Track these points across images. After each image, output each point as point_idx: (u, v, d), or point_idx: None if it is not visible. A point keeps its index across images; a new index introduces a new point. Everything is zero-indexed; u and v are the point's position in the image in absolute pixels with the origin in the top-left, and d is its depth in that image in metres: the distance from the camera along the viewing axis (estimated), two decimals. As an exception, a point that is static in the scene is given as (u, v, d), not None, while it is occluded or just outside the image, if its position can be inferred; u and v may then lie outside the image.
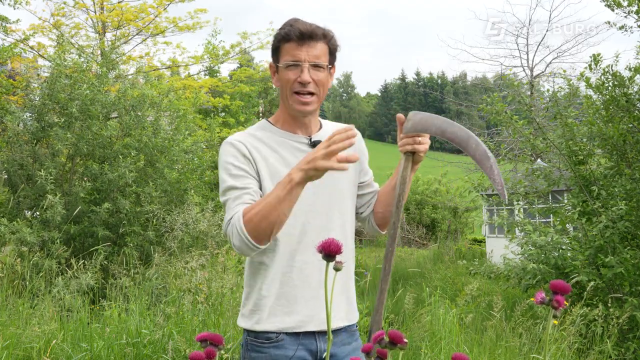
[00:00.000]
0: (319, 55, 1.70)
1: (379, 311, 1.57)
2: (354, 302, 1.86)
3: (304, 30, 1.68)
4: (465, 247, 18.21)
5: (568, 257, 5.81)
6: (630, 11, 5.95)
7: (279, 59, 1.73)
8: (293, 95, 1.71)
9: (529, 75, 17.76)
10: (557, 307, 0.94)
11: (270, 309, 1.72)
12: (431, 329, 4.96)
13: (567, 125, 6.07)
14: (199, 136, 10.56)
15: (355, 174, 1.87)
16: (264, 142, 1.76)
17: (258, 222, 1.56)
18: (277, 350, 1.71)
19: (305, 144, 1.78)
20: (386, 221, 1.89)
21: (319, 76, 1.71)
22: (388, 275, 1.59)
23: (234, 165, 1.70)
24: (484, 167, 1.56)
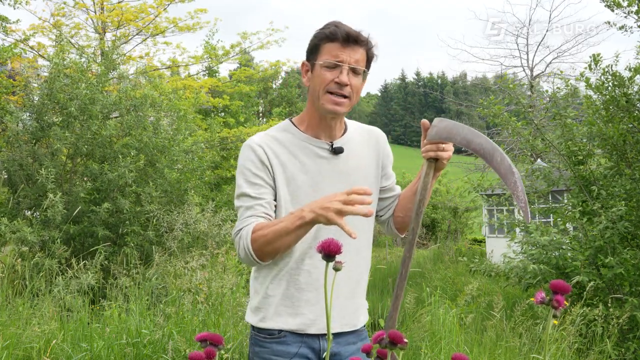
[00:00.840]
0: (359, 60, 1.69)
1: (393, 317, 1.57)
2: (363, 307, 1.85)
3: (350, 32, 1.67)
4: (465, 247, 18.22)
5: (568, 257, 5.82)
6: (630, 11, 5.95)
7: (317, 57, 1.70)
8: (326, 94, 1.68)
9: (529, 75, 17.77)
10: (557, 307, 0.94)
11: (275, 308, 1.73)
12: (431, 329, 4.96)
13: (566, 125, 6.07)
14: (199, 136, 10.56)
15: (377, 179, 1.86)
16: (284, 145, 1.74)
17: (263, 244, 1.60)
18: (280, 346, 1.72)
19: (326, 149, 1.75)
20: (406, 225, 1.89)
21: (355, 81, 1.69)
22: (404, 280, 1.58)
23: (251, 171, 1.69)
24: (508, 182, 1.54)
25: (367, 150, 1.84)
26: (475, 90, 37.99)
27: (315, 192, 1.71)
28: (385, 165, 1.89)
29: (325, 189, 1.72)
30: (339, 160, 1.76)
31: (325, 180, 1.73)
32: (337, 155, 1.76)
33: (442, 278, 10.77)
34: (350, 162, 1.78)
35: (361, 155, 1.82)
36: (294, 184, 1.71)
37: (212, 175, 9.41)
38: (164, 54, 50.11)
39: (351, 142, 1.80)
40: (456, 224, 22.20)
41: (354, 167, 1.78)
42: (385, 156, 1.90)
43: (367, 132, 1.89)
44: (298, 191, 1.71)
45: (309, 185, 1.71)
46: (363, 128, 1.90)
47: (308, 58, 1.74)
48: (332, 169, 1.75)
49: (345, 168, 1.76)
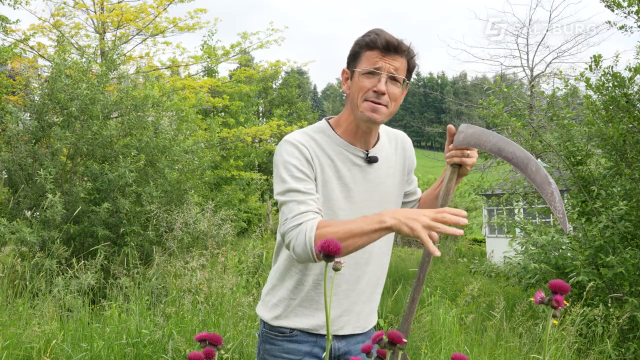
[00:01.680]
0: (398, 68, 1.66)
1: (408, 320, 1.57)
2: (374, 310, 1.87)
3: (390, 40, 1.65)
4: (465, 247, 18.21)
5: (568, 257, 5.82)
6: (630, 11, 5.95)
7: (357, 64, 1.68)
8: (365, 102, 1.66)
9: (529, 75, 17.77)
10: (557, 306, 0.94)
11: (293, 308, 1.74)
12: (431, 329, 4.96)
13: (564, 126, 6.08)
14: (199, 136, 10.56)
15: (402, 185, 1.87)
16: (321, 147, 1.72)
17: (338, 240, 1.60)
18: (291, 345, 1.73)
19: (361, 158, 1.75)
20: None
21: (394, 90, 1.67)
22: (421, 284, 1.58)
23: (296, 167, 1.65)
24: (545, 193, 1.53)
25: (395, 158, 1.84)
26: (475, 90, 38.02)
27: (346, 199, 1.71)
28: (410, 170, 1.91)
29: (355, 197, 1.72)
30: (372, 169, 1.76)
31: (357, 188, 1.73)
32: (370, 164, 1.75)
33: (442, 278, 10.76)
34: (381, 172, 1.78)
35: (390, 163, 1.82)
36: (328, 188, 1.70)
37: (212, 175, 9.40)
38: (164, 54, 50.15)
39: (383, 151, 1.81)
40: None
41: (384, 176, 1.79)
42: (411, 162, 1.91)
43: (396, 137, 1.89)
44: (331, 195, 1.70)
45: (340, 192, 1.71)
46: (391, 133, 1.89)
47: (348, 65, 1.73)
48: (364, 178, 1.75)
49: (375, 177, 1.77)
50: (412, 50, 1.69)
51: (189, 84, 14.08)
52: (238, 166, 16.81)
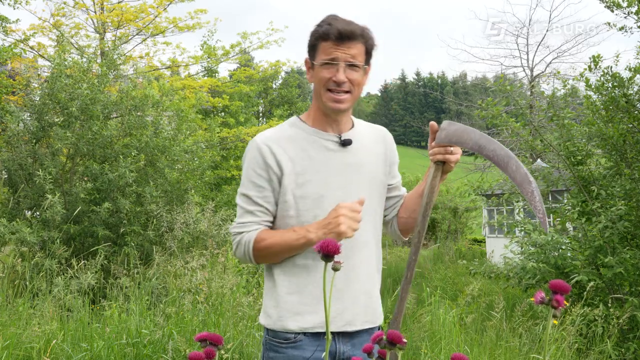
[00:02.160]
0: (355, 55, 1.69)
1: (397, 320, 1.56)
2: (377, 303, 1.83)
3: (342, 30, 1.67)
4: (465, 247, 18.22)
5: (568, 257, 5.82)
6: (630, 12, 5.96)
7: (316, 56, 1.72)
8: (327, 92, 1.70)
9: (529, 75, 17.76)
10: (557, 306, 0.94)
11: (294, 306, 1.71)
12: (431, 329, 4.96)
13: (565, 126, 6.08)
14: (199, 136, 10.56)
15: (385, 176, 1.86)
16: (293, 140, 1.75)
17: (266, 254, 1.70)
18: (295, 351, 1.69)
19: (335, 142, 1.76)
20: (409, 227, 1.88)
21: (354, 76, 1.70)
22: (409, 284, 1.58)
23: (255, 172, 1.72)
24: (525, 192, 1.53)
25: (376, 146, 1.85)
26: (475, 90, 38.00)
27: (325, 184, 1.72)
28: (392, 163, 1.90)
29: (334, 181, 1.73)
30: (348, 153, 1.76)
31: (335, 173, 1.74)
32: (345, 147, 1.76)
33: (442, 278, 10.76)
34: (360, 155, 1.78)
35: (370, 149, 1.82)
36: (304, 178, 1.71)
37: (212, 175, 9.40)
38: (163, 54, 50.09)
39: (360, 136, 1.81)
40: (456, 224, 22.18)
41: (364, 160, 1.79)
42: (393, 154, 1.90)
43: (376, 129, 1.91)
44: (308, 185, 1.71)
45: (318, 179, 1.72)
46: (371, 126, 1.91)
47: (309, 56, 1.76)
48: (341, 162, 1.75)
49: (354, 160, 1.77)
50: (366, 34, 1.72)
51: (188, 84, 14.08)
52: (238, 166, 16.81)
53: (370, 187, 1.79)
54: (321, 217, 1.68)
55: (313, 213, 1.70)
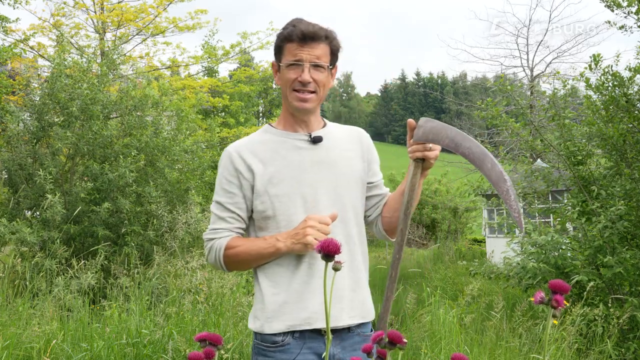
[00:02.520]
0: (320, 55, 1.72)
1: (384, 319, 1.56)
2: (368, 299, 1.82)
3: (306, 31, 1.70)
4: (465, 247, 18.22)
5: (568, 257, 5.82)
6: (630, 11, 5.96)
7: (281, 58, 1.75)
8: (293, 92, 1.74)
9: (529, 75, 17.77)
10: (557, 306, 0.94)
11: (279, 306, 1.71)
12: (431, 329, 4.95)
13: (565, 126, 6.08)
14: (199, 136, 10.57)
15: (363, 172, 1.86)
16: (265, 144, 1.78)
17: (236, 261, 1.74)
18: (284, 355, 1.69)
19: (305, 141, 1.78)
20: (393, 227, 1.87)
21: (319, 76, 1.73)
22: (394, 282, 1.57)
23: (226, 179, 1.77)
24: (500, 190, 1.53)
25: (351, 144, 1.86)
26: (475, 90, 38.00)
27: (298, 182, 1.73)
28: (370, 161, 1.90)
29: (308, 178, 1.74)
30: (321, 150, 1.78)
31: (309, 171, 1.75)
32: (316, 144, 1.78)
33: (442, 278, 10.77)
34: (333, 152, 1.80)
35: (344, 147, 1.84)
36: (277, 177, 1.73)
37: (212, 175, 9.40)
38: (164, 54, 50.12)
39: (331, 134, 1.84)
40: (456, 224, 22.19)
41: (338, 157, 1.80)
42: (370, 152, 1.90)
43: (349, 129, 1.93)
44: (281, 183, 1.72)
45: (291, 177, 1.73)
46: (345, 126, 1.94)
47: (275, 58, 1.80)
48: (313, 159, 1.77)
49: (328, 157, 1.78)
50: (330, 35, 1.75)
51: (189, 84, 14.09)
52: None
53: (347, 182, 1.79)
54: (296, 214, 1.71)
55: (289, 211, 1.72)
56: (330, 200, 1.75)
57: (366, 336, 1.80)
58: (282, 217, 1.72)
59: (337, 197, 1.77)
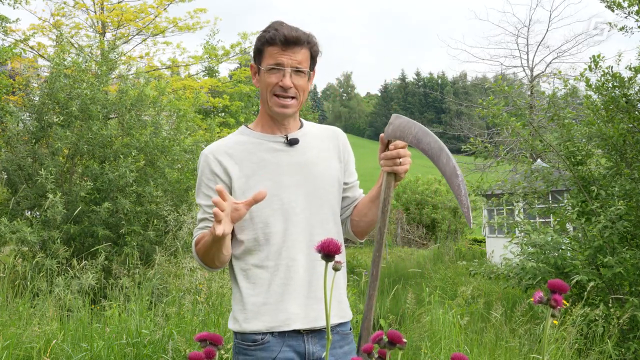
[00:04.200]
0: (301, 60, 1.72)
1: (368, 317, 1.56)
2: (344, 299, 1.83)
3: (288, 35, 1.69)
4: (465, 247, 18.22)
5: (567, 257, 5.82)
6: (630, 12, 5.96)
7: (262, 61, 1.75)
8: (273, 97, 1.74)
9: (529, 75, 17.77)
10: (555, 306, 0.94)
11: (259, 307, 1.71)
12: (431, 329, 4.96)
13: (565, 126, 6.08)
14: (199, 136, 10.56)
15: (340, 173, 1.86)
16: (241, 145, 1.78)
17: (202, 255, 1.73)
18: (264, 353, 1.70)
19: (281, 142, 1.79)
20: (361, 230, 1.89)
21: (300, 81, 1.73)
22: (376, 280, 1.58)
23: (203, 182, 1.79)
24: (452, 185, 1.54)
25: (327, 144, 1.87)
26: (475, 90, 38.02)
27: (276, 184, 1.74)
28: (347, 161, 1.90)
29: (285, 180, 1.75)
30: (297, 152, 1.79)
31: (285, 172, 1.75)
32: (292, 146, 1.79)
33: (442, 278, 10.76)
34: (310, 153, 1.80)
35: (321, 147, 1.84)
36: (253, 180, 1.73)
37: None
38: (164, 54, 50.13)
39: (308, 135, 1.84)
40: (456, 224, 22.19)
41: (315, 158, 1.80)
42: (347, 152, 1.91)
43: (326, 129, 1.93)
44: (258, 186, 1.72)
45: (268, 179, 1.74)
46: (321, 126, 1.94)
47: (255, 60, 1.79)
48: (290, 160, 1.77)
49: (304, 159, 1.78)
50: (311, 40, 1.75)
51: (188, 84, 14.08)
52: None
53: (324, 184, 1.80)
54: (273, 216, 1.72)
55: (266, 213, 1.72)
56: (307, 202, 1.76)
57: (345, 334, 1.82)
58: (259, 219, 1.72)
59: (314, 198, 1.77)
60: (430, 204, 22.51)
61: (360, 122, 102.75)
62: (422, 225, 22.25)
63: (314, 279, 1.74)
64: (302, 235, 1.73)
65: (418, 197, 22.66)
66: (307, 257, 1.73)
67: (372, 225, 1.88)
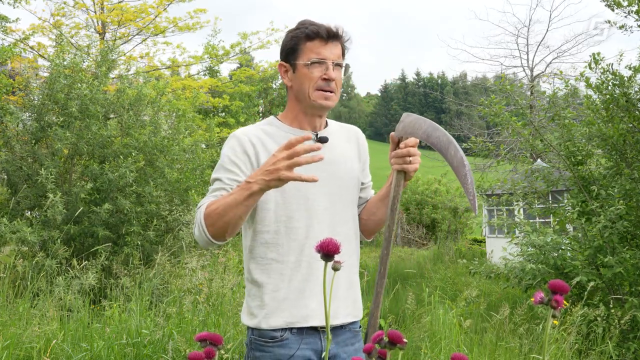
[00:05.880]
0: (339, 55, 1.76)
1: (375, 314, 1.58)
2: (359, 297, 1.86)
3: (329, 30, 1.72)
4: (465, 247, 18.22)
5: (567, 258, 5.82)
6: (630, 11, 5.95)
7: (298, 57, 1.74)
8: (316, 91, 1.73)
9: (529, 75, 17.77)
10: (556, 306, 0.94)
11: (279, 303, 1.71)
12: (431, 329, 4.96)
13: (565, 126, 6.08)
14: (199, 136, 10.56)
15: (359, 173, 1.88)
16: (271, 136, 1.78)
17: (216, 219, 1.59)
18: (282, 350, 1.70)
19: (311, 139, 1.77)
20: (369, 228, 1.92)
21: (339, 75, 1.76)
22: (384, 278, 1.59)
23: (229, 158, 1.72)
24: (459, 174, 1.57)
25: (349, 144, 1.89)
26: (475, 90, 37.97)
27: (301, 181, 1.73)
28: (365, 161, 1.93)
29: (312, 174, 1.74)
30: (325, 150, 1.78)
31: (313, 168, 1.73)
32: (322, 144, 1.78)
33: (442, 278, 10.75)
34: (335, 152, 1.81)
35: (345, 147, 1.86)
36: None
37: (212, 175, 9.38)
38: (164, 54, 50.10)
39: (335, 134, 1.85)
40: (456, 224, 22.17)
41: (339, 157, 1.82)
42: (365, 153, 1.94)
43: (347, 128, 1.94)
44: None
45: None
46: (343, 125, 1.95)
47: (287, 59, 1.77)
48: None
49: (331, 156, 1.79)
50: (345, 35, 1.78)
51: (188, 84, 14.08)
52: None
53: (346, 182, 1.82)
54: (298, 212, 1.71)
55: (291, 207, 1.72)
56: (331, 201, 1.77)
57: (356, 332, 1.85)
58: (283, 211, 1.72)
59: (337, 197, 1.78)
60: (430, 204, 22.49)
61: (360, 122, 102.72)
62: (422, 225, 22.24)
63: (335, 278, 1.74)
64: (325, 232, 1.72)
65: (418, 197, 22.64)
66: None
67: (381, 224, 1.90)
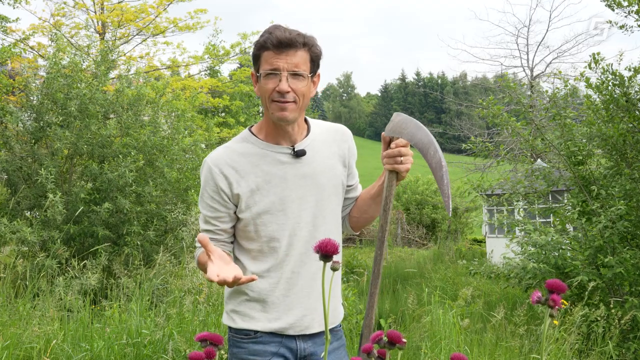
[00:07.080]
0: (298, 63, 1.64)
1: (370, 315, 1.59)
2: (339, 306, 1.87)
3: (282, 38, 1.63)
4: (465, 247, 18.22)
5: (568, 257, 5.82)
6: (630, 11, 5.95)
7: (259, 67, 1.69)
8: (272, 103, 1.67)
9: (529, 75, 17.76)
10: (554, 306, 0.94)
11: (256, 313, 1.75)
12: (431, 329, 4.96)
13: (566, 125, 6.08)
14: (198, 136, 10.55)
15: (344, 177, 1.86)
16: (245, 156, 1.74)
17: (202, 270, 1.73)
18: (256, 345, 1.73)
19: (288, 154, 1.74)
20: (360, 225, 1.93)
21: (299, 85, 1.65)
22: (378, 278, 1.60)
23: (208, 194, 1.75)
24: (436, 176, 1.58)
25: (333, 149, 1.83)
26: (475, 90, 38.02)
27: (281, 199, 1.72)
28: (350, 164, 1.89)
29: (291, 194, 1.72)
30: (303, 164, 1.75)
31: (291, 186, 1.73)
32: (299, 158, 1.74)
33: (442, 278, 10.74)
34: (315, 165, 1.77)
35: (326, 155, 1.80)
36: (259, 194, 1.71)
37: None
38: (164, 54, 50.11)
39: (315, 143, 1.79)
40: (456, 224, 22.17)
41: (320, 169, 1.77)
42: (351, 154, 1.89)
43: (333, 130, 1.87)
44: (264, 200, 1.71)
45: (274, 193, 1.72)
46: (328, 127, 1.88)
47: (254, 67, 1.73)
48: (296, 174, 1.74)
49: (309, 170, 1.75)
50: (309, 41, 1.67)
51: (188, 84, 14.08)
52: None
53: (329, 194, 1.79)
54: (278, 232, 1.71)
55: (271, 228, 1.72)
56: (312, 215, 1.76)
57: (336, 331, 1.85)
58: (264, 233, 1.73)
59: (319, 210, 1.77)
60: (430, 204, 22.50)
61: (360, 122, 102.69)
62: (422, 225, 22.24)
63: (313, 291, 1.76)
64: (305, 248, 1.73)
65: (418, 197, 22.65)
66: (307, 270, 1.75)
67: (371, 220, 1.92)
